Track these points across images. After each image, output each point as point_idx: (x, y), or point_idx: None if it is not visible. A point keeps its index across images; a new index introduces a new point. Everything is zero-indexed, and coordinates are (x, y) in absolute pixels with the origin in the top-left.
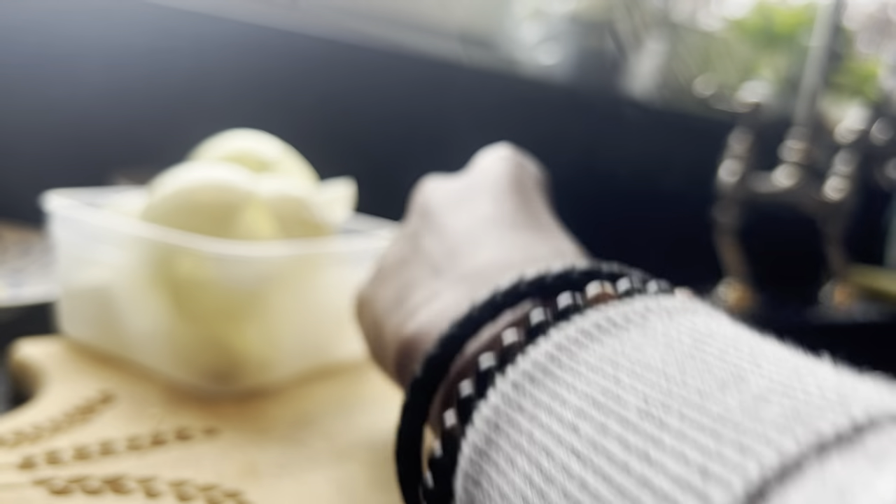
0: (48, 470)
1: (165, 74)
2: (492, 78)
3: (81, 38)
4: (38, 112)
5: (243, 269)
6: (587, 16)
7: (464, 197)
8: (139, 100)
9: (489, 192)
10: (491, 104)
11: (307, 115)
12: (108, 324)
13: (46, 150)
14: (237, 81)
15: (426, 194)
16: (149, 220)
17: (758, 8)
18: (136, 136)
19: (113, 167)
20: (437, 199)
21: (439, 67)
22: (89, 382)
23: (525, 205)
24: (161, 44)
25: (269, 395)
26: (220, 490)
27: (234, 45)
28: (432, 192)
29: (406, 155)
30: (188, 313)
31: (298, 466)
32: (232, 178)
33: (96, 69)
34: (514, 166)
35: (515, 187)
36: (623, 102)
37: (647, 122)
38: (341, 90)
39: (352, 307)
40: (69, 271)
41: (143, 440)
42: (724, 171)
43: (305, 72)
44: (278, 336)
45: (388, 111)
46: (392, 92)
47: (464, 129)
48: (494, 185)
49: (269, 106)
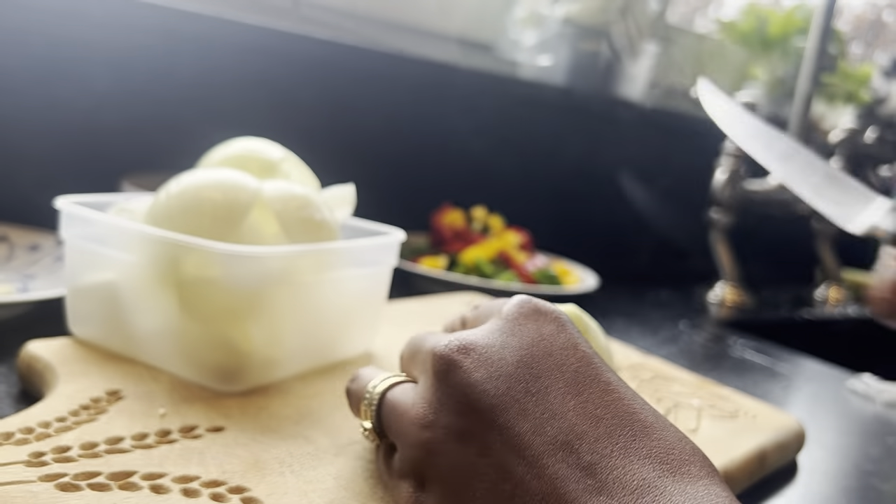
0: (56, 466)
1: (171, 78)
2: (490, 81)
3: (88, 42)
4: (46, 116)
5: (248, 269)
6: (583, 20)
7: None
8: (146, 103)
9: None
10: (489, 107)
11: (309, 118)
12: (115, 323)
13: (54, 153)
14: (241, 85)
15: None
16: (155, 220)
17: (750, 11)
18: (143, 139)
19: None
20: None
21: (439, 71)
22: (97, 381)
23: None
24: (166, 47)
25: (273, 392)
26: (226, 486)
27: (238, 49)
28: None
29: (407, 157)
30: (194, 313)
31: (302, 462)
32: (237, 179)
33: (103, 73)
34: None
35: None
36: (619, 105)
37: (642, 125)
38: (343, 93)
39: None
40: (77, 272)
41: (149, 437)
42: (719, 173)
43: (308, 76)
44: (282, 335)
45: (389, 113)
46: (393, 95)
47: (463, 132)
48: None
49: (272, 109)
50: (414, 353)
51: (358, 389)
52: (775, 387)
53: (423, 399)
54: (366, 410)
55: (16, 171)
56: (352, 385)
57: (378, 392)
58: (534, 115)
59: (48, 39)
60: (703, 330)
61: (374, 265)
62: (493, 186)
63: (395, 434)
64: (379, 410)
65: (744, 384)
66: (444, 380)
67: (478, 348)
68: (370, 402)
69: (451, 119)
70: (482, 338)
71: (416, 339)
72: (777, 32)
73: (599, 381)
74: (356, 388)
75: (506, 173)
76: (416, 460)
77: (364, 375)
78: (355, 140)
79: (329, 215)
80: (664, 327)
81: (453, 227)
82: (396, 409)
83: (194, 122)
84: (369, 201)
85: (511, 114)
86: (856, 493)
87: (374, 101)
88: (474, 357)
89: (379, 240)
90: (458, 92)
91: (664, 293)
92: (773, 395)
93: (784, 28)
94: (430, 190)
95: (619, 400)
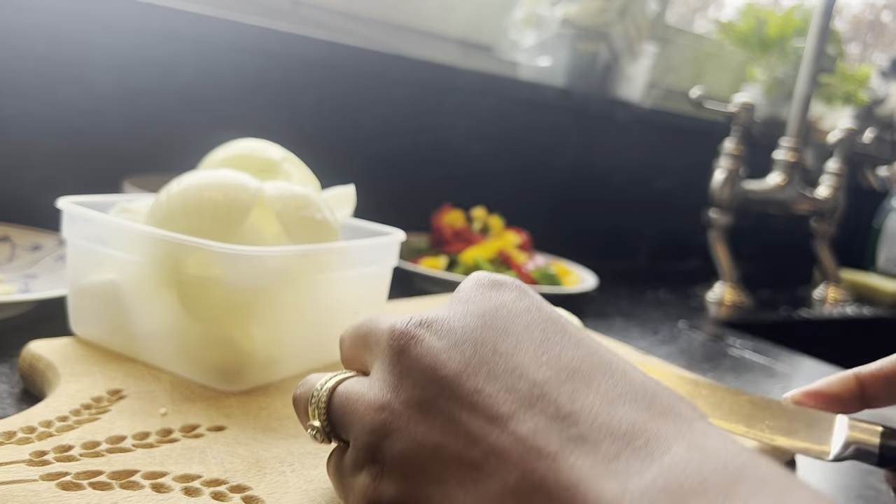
0: (58, 465)
1: (172, 79)
2: (490, 82)
3: (90, 44)
4: (48, 116)
5: (249, 269)
6: (582, 21)
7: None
8: (147, 104)
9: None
10: (489, 107)
11: (310, 119)
12: (116, 323)
13: (56, 154)
14: (242, 86)
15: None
16: (156, 220)
17: (749, 12)
18: (145, 140)
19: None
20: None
21: (439, 71)
22: (98, 380)
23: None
24: (168, 48)
25: (274, 392)
26: (227, 485)
27: (239, 50)
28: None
29: (406, 157)
30: (195, 312)
31: (303, 461)
32: (238, 179)
33: (105, 74)
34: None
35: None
36: (618, 105)
37: (641, 125)
38: (343, 94)
39: None
40: (79, 271)
41: (151, 436)
42: (717, 173)
43: (308, 76)
44: (283, 335)
45: (388, 114)
46: (393, 95)
47: (463, 132)
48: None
49: (272, 109)
50: (364, 336)
51: (304, 394)
52: (774, 386)
53: (379, 380)
54: (313, 410)
55: (17, 172)
56: (298, 391)
57: (327, 388)
58: (533, 115)
59: (50, 40)
60: (701, 329)
61: (374, 265)
62: (492, 187)
63: (349, 426)
64: (328, 408)
65: (742, 384)
66: (404, 355)
67: (439, 320)
68: (318, 399)
69: (450, 120)
70: (442, 311)
71: (365, 323)
72: (775, 33)
73: (570, 337)
74: (303, 391)
75: (505, 174)
76: (371, 446)
77: (310, 379)
78: (355, 140)
79: (330, 215)
80: (663, 327)
81: (453, 227)
82: (348, 399)
83: (195, 123)
84: (369, 202)
85: (510, 114)
86: (854, 492)
87: (374, 101)
88: (436, 328)
89: (379, 240)
90: (457, 93)
91: (663, 293)
92: (772, 395)
93: (782, 29)
94: (429, 190)
95: (594, 352)
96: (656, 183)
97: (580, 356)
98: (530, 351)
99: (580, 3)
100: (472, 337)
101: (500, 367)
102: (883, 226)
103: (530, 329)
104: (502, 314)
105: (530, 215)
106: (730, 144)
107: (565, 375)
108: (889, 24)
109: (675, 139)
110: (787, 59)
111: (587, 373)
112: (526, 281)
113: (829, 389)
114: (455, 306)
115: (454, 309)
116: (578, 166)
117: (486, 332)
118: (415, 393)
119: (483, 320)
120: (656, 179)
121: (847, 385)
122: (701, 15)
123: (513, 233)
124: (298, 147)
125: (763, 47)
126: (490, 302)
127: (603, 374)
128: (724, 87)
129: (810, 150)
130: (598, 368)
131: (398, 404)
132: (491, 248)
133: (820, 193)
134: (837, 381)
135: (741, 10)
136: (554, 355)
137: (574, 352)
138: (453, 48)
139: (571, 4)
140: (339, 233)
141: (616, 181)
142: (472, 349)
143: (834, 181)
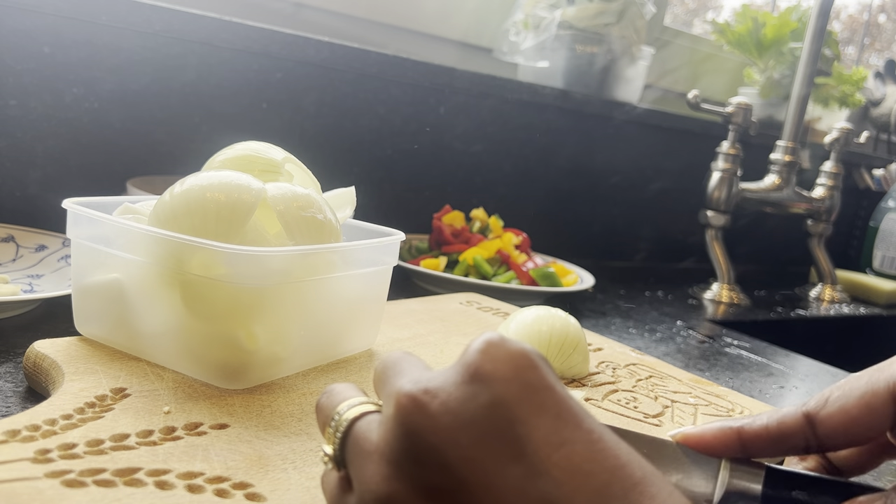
0: (62, 463)
1: (175, 82)
2: (489, 84)
3: (94, 46)
4: (52, 118)
5: (252, 269)
6: (581, 23)
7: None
8: (151, 106)
9: None
10: (488, 109)
11: (311, 121)
12: (120, 322)
13: (60, 155)
14: (244, 88)
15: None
16: (160, 220)
17: (746, 14)
18: (148, 142)
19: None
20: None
21: (439, 73)
22: (102, 379)
23: None
24: (171, 50)
25: (277, 390)
26: (230, 482)
27: (241, 52)
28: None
29: (407, 159)
30: (198, 312)
31: (305, 459)
32: (241, 180)
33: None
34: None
35: None
36: (615, 107)
37: (638, 126)
38: (344, 96)
39: None
40: (83, 271)
41: (154, 434)
42: (714, 174)
43: (310, 78)
44: (286, 334)
45: (389, 116)
46: (393, 97)
47: (463, 134)
48: None
49: (274, 111)
50: (383, 381)
51: (327, 408)
52: (770, 385)
53: (387, 443)
54: (330, 435)
55: (22, 173)
56: (323, 400)
57: (347, 419)
58: (532, 117)
59: (54, 43)
60: (698, 329)
61: (375, 265)
62: (492, 187)
63: (356, 473)
64: (344, 440)
65: (739, 383)
66: (408, 424)
67: (446, 388)
68: (338, 425)
69: (450, 121)
70: (450, 378)
71: (387, 366)
72: (772, 35)
73: (583, 429)
74: (326, 405)
75: (504, 174)
76: None
77: (336, 393)
78: (356, 142)
79: (331, 216)
80: (660, 326)
81: (453, 227)
82: (362, 446)
83: (198, 125)
84: (370, 202)
85: (510, 116)
86: None
87: (374, 103)
88: (442, 399)
89: (380, 240)
90: (457, 94)
91: (660, 292)
92: (768, 394)
93: (779, 31)
94: (429, 191)
95: (606, 450)
96: (654, 183)
97: (592, 456)
98: (542, 445)
99: (578, 5)
100: (479, 416)
101: (510, 461)
102: (878, 226)
103: (542, 415)
104: (513, 393)
105: (529, 216)
106: (727, 145)
107: (578, 481)
108: (885, 25)
109: (673, 140)
110: (784, 60)
111: (599, 479)
112: (525, 281)
113: (708, 439)
114: (462, 375)
115: (461, 378)
116: (577, 167)
117: (496, 415)
118: (420, 472)
119: (492, 397)
120: (654, 180)
121: (726, 439)
122: (698, 17)
123: (512, 233)
124: (300, 148)
125: (760, 49)
126: (500, 376)
127: (614, 481)
128: (721, 89)
129: (807, 152)
130: None
131: (408, 484)
132: (490, 249)
133: (816, 194)
134: (717, 431)
135: (738, 12)
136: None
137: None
138: (453, 50)
139: (570, 7)
140: (340, 233)
141: (614, 182)
142: (479, 432)
143: (830, 182)
